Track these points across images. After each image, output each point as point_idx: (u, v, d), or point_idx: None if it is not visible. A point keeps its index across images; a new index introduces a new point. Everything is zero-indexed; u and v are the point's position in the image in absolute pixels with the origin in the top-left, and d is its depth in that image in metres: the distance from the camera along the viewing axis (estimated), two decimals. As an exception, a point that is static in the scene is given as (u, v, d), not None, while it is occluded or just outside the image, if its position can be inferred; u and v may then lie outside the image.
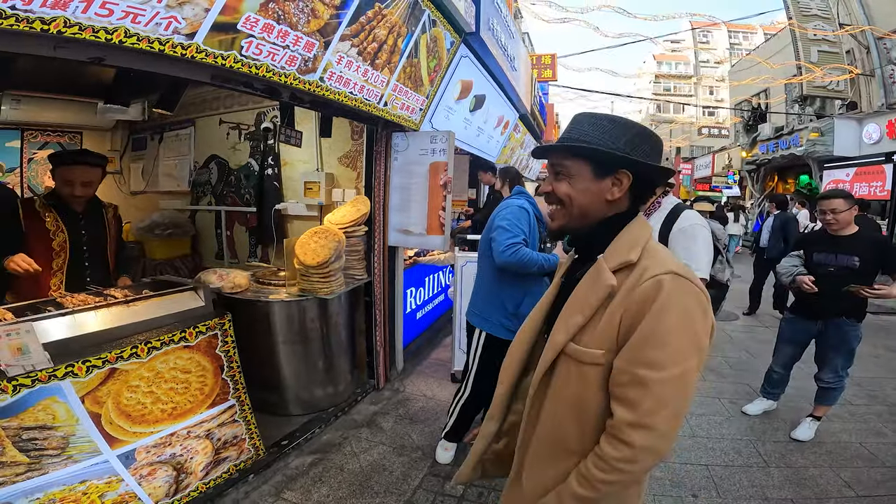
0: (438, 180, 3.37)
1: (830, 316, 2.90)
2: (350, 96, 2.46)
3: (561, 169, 1.02)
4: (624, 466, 0.85)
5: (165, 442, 2.01)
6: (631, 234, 0.99)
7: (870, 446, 2.98)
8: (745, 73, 17.40)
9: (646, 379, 0.84)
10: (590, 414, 0.94)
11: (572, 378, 0.95)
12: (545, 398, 1.02)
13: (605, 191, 0.99)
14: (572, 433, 0.96)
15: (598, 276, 0.95)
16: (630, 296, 0.88)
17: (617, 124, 0.99)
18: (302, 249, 2.92)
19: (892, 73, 10.83)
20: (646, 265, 0.91)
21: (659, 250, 0.97)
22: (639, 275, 0.90)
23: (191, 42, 1.58)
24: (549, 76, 9.19)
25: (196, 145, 4.53)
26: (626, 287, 0.90)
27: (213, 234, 4.66)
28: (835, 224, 2.81)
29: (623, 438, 0.85)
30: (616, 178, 0.98)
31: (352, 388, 3.41)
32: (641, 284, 0.87)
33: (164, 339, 2.00)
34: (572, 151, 1.00)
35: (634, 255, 0.93)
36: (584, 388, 0.94)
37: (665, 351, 0.84)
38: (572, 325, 0.95)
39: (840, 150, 11.90)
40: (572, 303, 0.99)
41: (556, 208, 1.06)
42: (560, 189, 1.02)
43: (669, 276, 0.87)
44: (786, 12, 12.02)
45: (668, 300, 0.85)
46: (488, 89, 4.67)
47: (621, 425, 0.85)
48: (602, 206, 1.01)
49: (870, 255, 2.74)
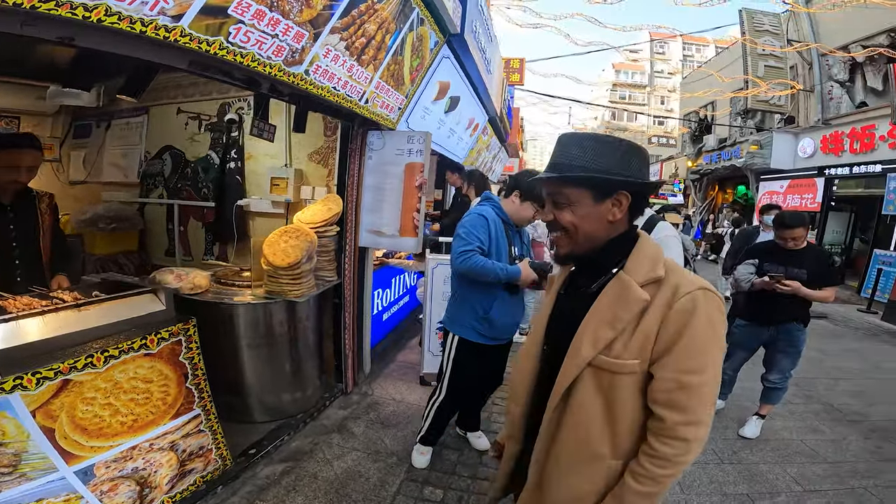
0: (414, 181, 3.31)
1: (782, 321, 3.09)
2: (333, 92, 2.36)
3: (560, 198, 1.05)
4: (682, 459, 0.96)
5: (126, 456, 1.87)
6: (648, 250, 1.04)
7: (809, 443, 3.23)
8: (696, 84, 18.40)
9: (691, 384, 0.94)
10: (621, 417, 1.00)
11: (603, 388, 1.00)
12: (566, 410, 1.05)
13: (606, 213, 1.03)
14: (600, 438, 1.02)
15: (626, 292, 0.99)
16: (668, 310, 0.95)
17: (604, 144, 1.02)
18: (271, 249, 2.77)
19: (830, 90, 11.71)
20: (676, 282, 0.97)
21: (676, 265, 1.03)
22: (672, 291, 0.96)
23: (176, 25, 1.45)
24: (516, 80, 9.32)
25: (149, 134, 4.22)
26: (661, 302, 0.96)
27: (163, 230, 4.37)
28: (793, 245, 3.02)
29: (679, 436, 0.95)
30: (616, 200, 1.02)
31: (320, 393, 3.29)
32: (679, 300, 0.95)
33: (123, 346, 1.84)
34: (569, 181, 1.02)
35: (661, 272, 0.99)
36: (616, 396, 0.99)
37: (704, 358, 0.95)
38: (602, 339, 0.98)
39: (776, 163, 12.80)
40: (598, 317, 1.01)
41: (560, 236, 1.08)
42: (563, 218, 1.05)
43: (701, 293, 0.95)
44: (740, 27, 12.63)
45: (703, 314, 0.94)
46: (464, 91, 4.65)
47: (674, 426, 0.94)
48: (605, 227, 1.05)
49: (815, 267, 2.96)
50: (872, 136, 10.06)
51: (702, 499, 2.55)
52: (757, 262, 3.15)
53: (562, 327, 1.09)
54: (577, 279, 1.15)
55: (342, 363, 3.42)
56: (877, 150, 10.00)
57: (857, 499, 2.62)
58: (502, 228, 2.33)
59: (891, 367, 5.13)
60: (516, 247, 2.40)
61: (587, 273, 1.11)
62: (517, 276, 2.20)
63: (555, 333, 1.14)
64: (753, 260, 3.19)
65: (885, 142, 9.70)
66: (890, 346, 6.15)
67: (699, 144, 18.76)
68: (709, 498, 2.55)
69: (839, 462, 3.01)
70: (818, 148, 11.73)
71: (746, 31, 12.32)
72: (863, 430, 3.44)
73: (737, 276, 3.23)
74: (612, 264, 1.05)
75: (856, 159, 10.60)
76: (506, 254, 2.31)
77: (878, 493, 2.66)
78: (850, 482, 2.77)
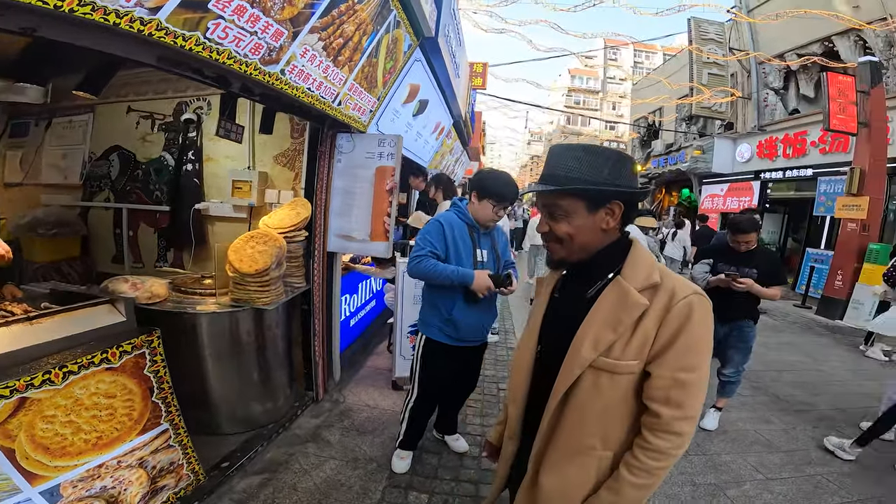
0: (385, 185, 3.26)
1: (735, 318, 3.26)
2: (308, 93, 2.28)
3: (555, 209, 1.09)
4: (675, 452, 1.01)
5: (93, 475, 1.77)
6: (643, 257, 1.09)
7: (763, 433, 3.42)
8: (645, 91, 19.25)
9: (686, 381, 1.00)
10: (616, 414, 1.06)
11: (603, 388, 1.04)
12: (566, 409, 1.09)
13: (600, 222, 1.08)
14: (595, 433, 1.07)
15: (625, 297, 1.03)
16: (666, 314, 1.00)
17: (597, 155, 1.06)
18: (237, 255, 2.66)
19: (766, 97, 12.57)
20: (673, 287, 1.02)
21: (668, 271, 1.09)
22: (669, 296, 1.01)
23: (152, 18, 1.36)
24: (479, 84, 9.39)
25: (94, 134, 3.94)
26: (659, 306, 1.01)
27: (110, 235, 4.08)
28: (745, 248, 3.21)
29: (674, 430, 1.00)
30: (609, 209, 1.07)
31: (290, 402, 3.20)
32: (676, 304, 1.00)
33: (83, 361, 1.73)
34: (568, 193, 1.06)
35: (657, 277, 1.04)
36: (614, 394, 1.04)
37: (699, 357, 1.01)
38: (603, 342, 1.03)
39: (717, 167, 13.62)
40: (598, 320, 1.05)
41: (554, 245, 1.13)
42: (560, 229, 1.09)
43: (695, 297, 1.01)
44: (688, 35, 13.38)
45: (698, 316, 1.00)
46: (432, 94, 4.65)
47: (670, 420, 1.00)
48: (599, 236, 1.10)
49: (765, 267, 3.15)
50: (804, 142, 10.91)
51: (675, 489, 2.65)
52: (711, 262, 3.32)
53: (558, 329, 1.13)
54: (571, 283, 1.19)
55: (312, 371, 3.33)
56: (808, 155, 10.85)
57: (815, 485, 2.78)
58: (464, 232, 2.34)
59: (827, 358, 5.53)
60: (484, 250, 2.39)
61: (581, 277, 1.15)
62: (468, 281, 2.22)
63: (550, 335, 1.18)
64: (708, 260, 3.36)
65: (816, 147, 10.53)
66: (825, 338, 6.61)
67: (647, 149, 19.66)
68: (681, 489, 2.66)
69: (793, 450, 3.19)
70: (755, 153, 12.59)
71: (693, 39, 13.05)
72: (810, 419, 3.68)
73: (693, 274, 3.40)
74: (608, 270, 1.09)
75: (789, 164, 11.45)
76: (468, 257, 2.31)
77: (835, 479, 2.83)
78: (806, 470, 2.95)
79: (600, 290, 1.08)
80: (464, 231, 2.35)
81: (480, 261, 2.37)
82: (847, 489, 2.74)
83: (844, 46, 10.17)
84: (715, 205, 13.96)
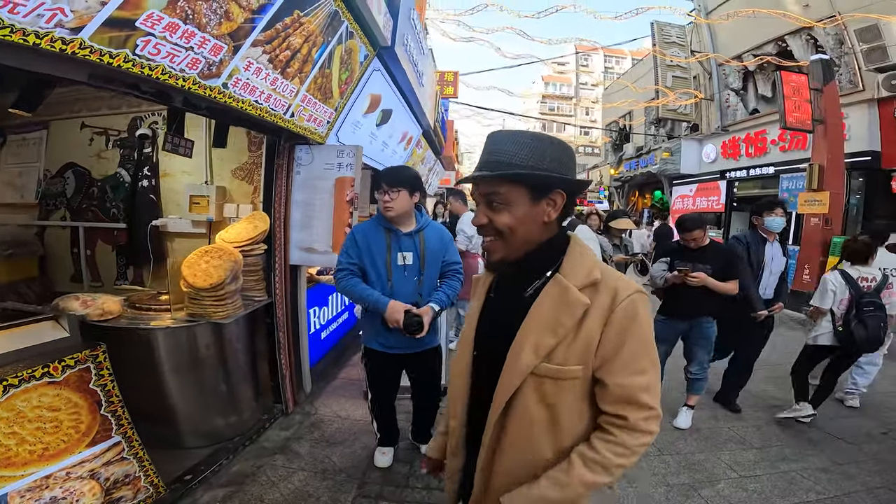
0: (345, 196, 3.26)
1: (696, 316, 3.33)
2: (255, 105, 2.27)
3: (496, 198, 0.97)
4: (642, 449, 0.97)
5: (42, 485, 1.80)
6: (582, 253, 1.03)
7: (736, 430, 3.42)
8: (615, 95, 19.67)
9: (644, 383, 0.95)
10: (565, 422, 0.98)
11: (549, 396, 0.97)
12: (508, 419, 1.01)
13: (542, 214, 0.98)
14: (545, 444, 0.99)
15: (565, 296, 0.96)
16: (609, 314, 0.94)
17: (540, 140, 0.97)
18: (191, 270, 2.64)
19: (727, 98, 12.95)
20: (614, 285, 0.96)
21: (608, 267, 1.03)
22: (611, 295, 0.95)
23: (75, 37, 1.35)
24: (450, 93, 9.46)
25: (48, 151, 3.85)
26: (601, 305, 0.95)
27: (68, 254, 3.98)
28: (695, 245, 3.27)
29: (645, 429, 0.96)
30: (551, 199, 0.98)
31: (258, 415, 3.16)
32: (620, 304, 0.94)
33: (23, 375, 1.77)
34: (510, 178, 0.95)
35: (598, 274, 0.98)
36: (560, 401, 0.97)
37: (649, 356, 0.97)
38: (544, 346, 0.95)
39: (686, 168, 13.96)
40: (538, 323, 0.97)
41: (493, 241, 1.02)
42: (500, 220, 0.98)
43: (638, 296, 0.96)
44: (651, 39, 13.72)
45: (642, 316, 0.95)
46: (396, 104, 4.65)
47: (637, 421, 0.95)
48: (539, 230, 1.00)
49: (719, 263, 3.22)
50: (765, 141, 11.27)
51: (648, 490, 2.62)
52: (668, 260, 3.39)
53: (494, 333, 1.05)
54: (507, 281, 1.09)
55: (280, 384, 3.30)
56: (769, 153, 11.20)
57: (790, 481, 2.77)
58: (379, 236, 2.32)
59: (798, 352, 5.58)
60: (407, 252, 2.34)
61: (517, 275, 1.05)
62: (381, 309, 2.23)
63: (486, 339, 1.09)
64: (665, 258, 3.44)
65: (776, 145, 10.88)
66: (797, 332, 6.67)
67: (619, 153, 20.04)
68: (654, 489, 2.63)
69: (766, 447, 3.19)
70: (719, 153, 12.95)
71: (657, 42, 13.39)
72: (784, 415, 3.65)
73: (652, 273, 3.48)
74: (546, 267, 1.01)
75: (752, 162, 11.80)
76: (382, 262, 2.31)
77: (809, 475, 2.84)
78: (780, 466, 2.95)
79: (539, 290, 1.00)
80: (378, 235, 2.33)
81: (402, 264, 2.33)
82: (822, 485, 2.74)
83: (797, 45, 10.49)
84: (685, 205, 14.26)
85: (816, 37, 9.95)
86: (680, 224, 3.32)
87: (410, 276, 2.34)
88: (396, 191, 2.24)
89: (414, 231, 2.37)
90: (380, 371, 2.55)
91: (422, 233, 2.40)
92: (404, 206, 2.28)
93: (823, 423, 3.51)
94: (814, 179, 7.74)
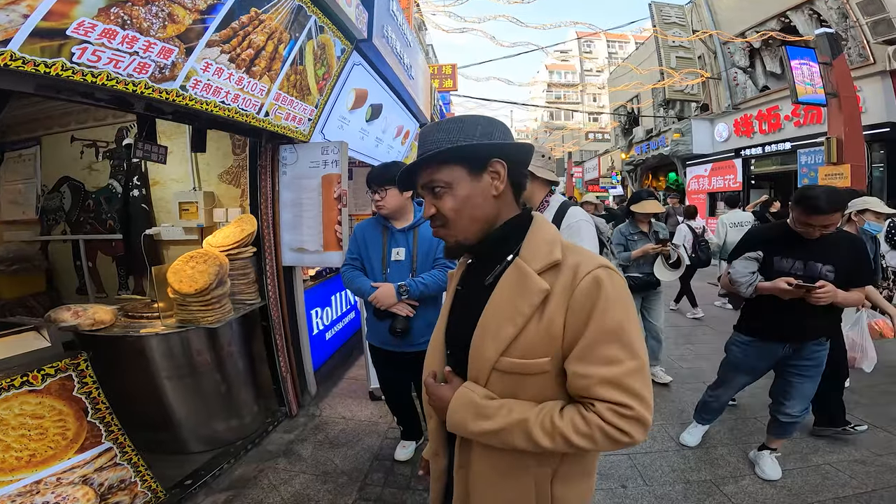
0: (332, 193, 3.22)
1: (805, 338, 2.32)
2: (222, 106, 2.23)
3: (436, 184, 0.94)
4: (607, 445, 0.83)
5: (32, 490, 1.83)
6: (543, 232, 0.95)
7: (762, 420, 2.95)
8: (621, 79, 19.31)
9: (610, 375, 0.81)
10: None
11: (518, 393, 0.89)
12: None
13: (487, 188, 0.94)
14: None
15: (524, 281, 0.88)
16: (570, 296, 0.84)
17: (462, 121, 0.94)
18: (176, 277, 2.63)
19: (735, 76, 12.60)
20: (575, 262, 0.87)
21: (574, 246, 0.94)
22: (572, 273, 0.86)
23: (3, 50, 1.33)
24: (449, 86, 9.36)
25: (43, 166, 3.91)
26: (561, 287, 0.85)
27: (71, 267, 4.06)
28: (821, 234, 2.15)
29: (626, 430, 0.81)
30: (492, 171, 0.93)
31: (261, 419, 3.15)
32: (579, 283, 0.84)
33: (3, 384, 1.79)
34: (439, 158, 0.92)
35: (559, 254, 0.89)
36: (532, 398, 0.88)
37: (620, 341, 0.82)
38: (504, 338, 0.88)
39: (698, 149, 13.66)
40: (496, 313, 0.90)
41: (440, 228, 0.97)
42: (445, 206, 0.94)
43: (601, 271, 0.84)
44: (651, 21, 13.48)
45: (609, 293, 0.83)
46: (385, 98, 4.59)
47: (605, 413, 0.81)
48: (491, 205, 0.95)
49: (843, 261, 2.18)
50: (778, 117, 10.94)
51: (665, 489, 2.45)
52: (761, 256, 2.31)
53: (461, 327, 0.99)
54: (473, 273, 1.04)
55: (281, 386, 3.29)
56: (783, 129, 10.88)
57: (823, 475, 2.55)
58: (375, 232, 2.39)
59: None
60: (401, 248, 2.35)
61: (482, 264, 1.00)
62: (363, 296, 2.32)
63: (455, 335, 1.03)
64: (756, 252, 2.31)
65: (790, 121, 10.56)
66: None
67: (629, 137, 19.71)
68: (672, 487, 2.46)
69: (797, 438, 2.89)
70: (732, 131, 12.65)
71: (657, 23, 13.13)
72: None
73: (734, 275, 2.36)
74: (507, 251, 0.95)
75: (766, 139, 11.48)
76: (378, 256, 2.37)
77: (845, 468, 2.60)
78: (812, 459, 2.72)
79: (499, 277, 0.93)
80: (375, 231, 2.39)
81: (396, 259, 2.34)
82: (860, 478, 2.47)
83: (800, 20, 10.26)
84: (701, 185, 13.95)
85: (819, 11, 9.72)
86: (806, 200, 2.10)
87: (403, 271, 2.35)
88: (384, 190, 2.27)
89: (408, 227, 2.37)
90: (381, 368, 2.63)
91: (417, 229, 2.39)
92: (396, 202, 2.30)
93: (860, 410, 3.19)
94: (833, 153, 7.56)
